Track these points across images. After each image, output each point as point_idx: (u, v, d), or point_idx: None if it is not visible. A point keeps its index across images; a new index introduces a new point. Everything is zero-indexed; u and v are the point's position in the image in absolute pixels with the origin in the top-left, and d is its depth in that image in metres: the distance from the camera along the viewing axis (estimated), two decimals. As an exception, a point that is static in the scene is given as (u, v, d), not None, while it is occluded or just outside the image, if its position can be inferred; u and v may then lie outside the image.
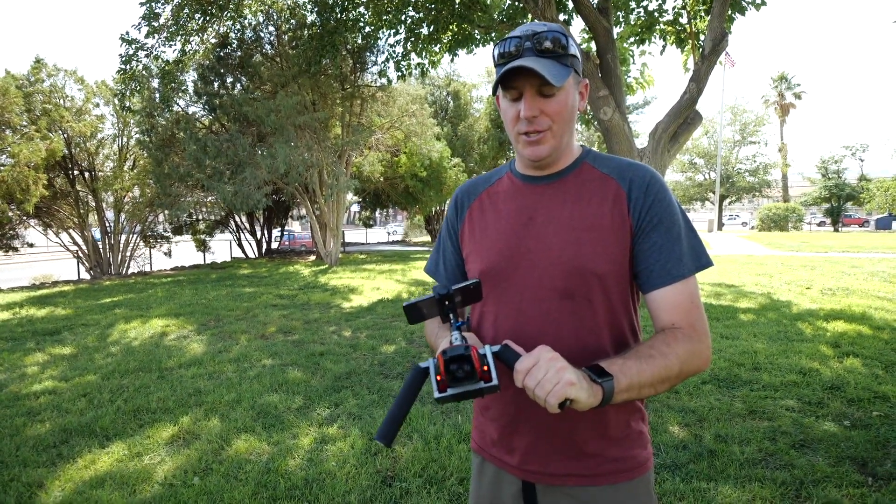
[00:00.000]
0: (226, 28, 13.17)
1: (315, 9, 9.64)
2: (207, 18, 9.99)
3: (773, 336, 5.36)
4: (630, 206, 1.01)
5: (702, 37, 7.94)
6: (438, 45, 9.02)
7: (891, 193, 27.38)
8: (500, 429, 1.09)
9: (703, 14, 7.99)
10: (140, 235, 16.35)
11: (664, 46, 8.66)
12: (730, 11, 7.16)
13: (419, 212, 22.78)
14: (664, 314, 0.98)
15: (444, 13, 8.22)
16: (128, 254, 16.08)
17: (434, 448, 3.04)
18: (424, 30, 8.82)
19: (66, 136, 13.65)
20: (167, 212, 14.79)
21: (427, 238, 30.12)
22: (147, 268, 16.96)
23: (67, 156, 13.85)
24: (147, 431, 3.42)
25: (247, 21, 13.38)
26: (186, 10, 9.43)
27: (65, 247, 15.35)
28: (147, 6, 9.11)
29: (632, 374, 0.88)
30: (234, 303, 8.47)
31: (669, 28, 8.39)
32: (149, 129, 13.95)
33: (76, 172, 14.58)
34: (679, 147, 7.27)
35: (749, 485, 2.59)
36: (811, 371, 4.20)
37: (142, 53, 9.86)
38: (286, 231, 24.16)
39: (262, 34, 14.09)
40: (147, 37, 9.50)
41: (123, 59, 9.81)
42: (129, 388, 4.31)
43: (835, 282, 8.88)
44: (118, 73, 10.21)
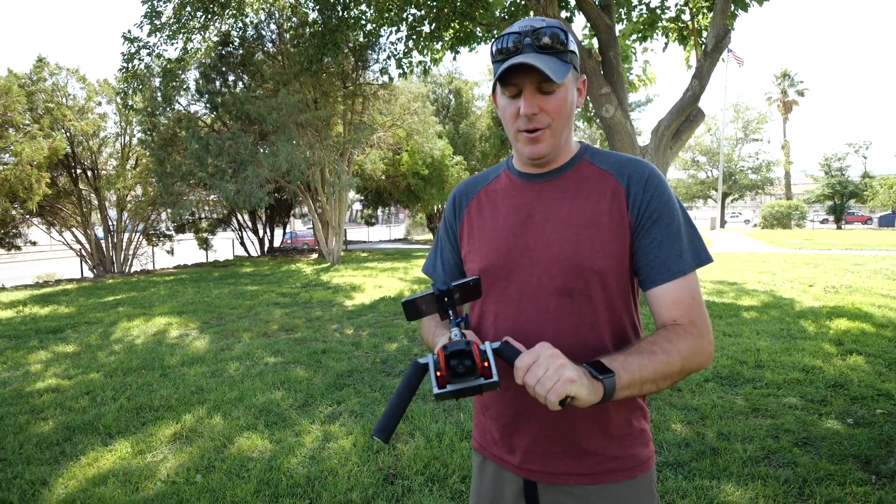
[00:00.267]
0: (227, 26, 13.17)
1: (317, 7, 9.64)
2: (209, 16, 10.00)
3: (776, 334, 5.34)
4: (629, 203, 1.00)
5: (704, 34, 7.91)
6: (440, 43, 9.01)
7: (894, 191, 27.29)
8: (501, 428, 1.09)
9: (706, 11, 7.97)
10: (143, 234, 16.40)
11: (666, 43, 8.64)
12: (732, 8, 7.13)
13: (421, 210, 22.78)
14: (665, 311, 0.97)
15: (446, 11, 8.21)
16: (130, 252, 16.13)
17: (436, 446, 3.04)
18: (426, 27, 8.81)
19: (69, 135, 13.69)
20: (170, 210, 14.82)
21: (429, 236, 30.13)
22: (150, 266, 17.00)
23: (70, 154, 13.89)
24: (150, 429, 3.43)
25: (248, 19, 13.38)
26: (188, 9, 9.43)
27: (68, 245, 15.39)
28: (149, 4, 9.12)
29: (633, 371, 0.87)
30: (237, 301, 8.49)
31: (672, 25, 8.36)
32: (151, 129, 13.97)
33: (79, 171, 14.62)
34: (681, 144, 7.26)
35: (752, 483, 2.58)
36: (814, 369, 4.19)
37: (144, 52, 9.88)
38: (288, 230, 24.20)
39: (264, 32, 14.09)
40: (149, 35, 9.51)
41: (126, 58, 9.82)
42: (132, 386, 4.32)
43: (838, 279, 8.85)
44: (120, 72, 10.23)
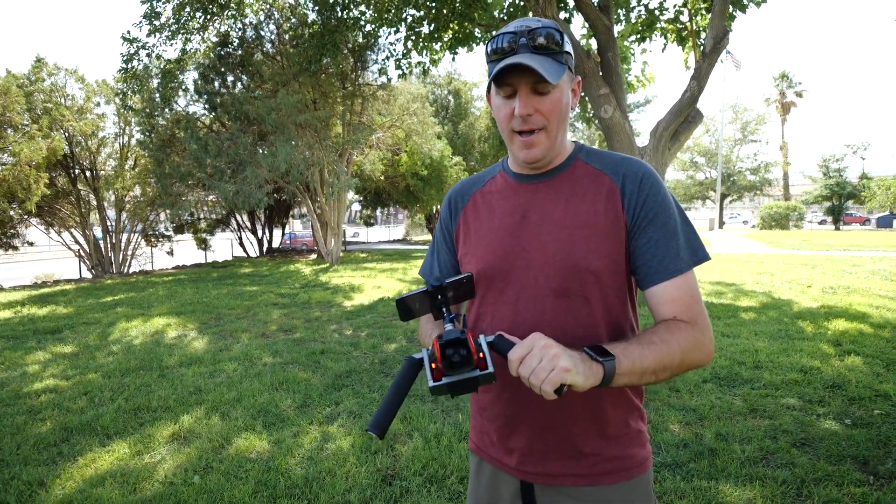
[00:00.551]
0: (227, 27, 13.17)
1: (316, 7, 9.64)
2: (208, 17, 9.99)
3: (774, 334, 5.35)
4: (624, 202, 1.00)
5: (703, 35, 7.92)
6: (439, 44, 9.02)
7: (892, 192, 27.32)
8: (498, 429, 1.09)
9: (704, 12, 7.98)
10: (141, 234, 16.38)
11: (665, 44, 8.65)
12: (731, 9, 7.14)
13: (420, 210, 22.78)
14: (664, 309, 0.97)
15: (445, 12, 8.21)
16: (129, 253, 16.11)
17: (434, 447, 3.04)
18: (425, 28, 8.81)
19: (68, 135, 13.67)
20: (168, 211, 14.80)
21: (428, 237, 30.13)
22: (148, 266, 16.98)
23: (69, 155, 13.87)
24: (148, 430, 3.42)
25: (248, 20, 13.38)
26: (188, 9, 9.43)
27: (66, 245, 15.37)
28: (148, 5, 9.11)
29: (633, 358, 0.87)
30: (235, 301, 8.48)
31: (670, 26, 8.37)
32: (149, 130, 13.96)
33: (77, 171, 14.60)
34: (680, 145, 7.26)
35: (750, 483, 2.59)
36: (812, 369, 4.20)
37: (143, 52, 9.87)
38: (287, 231, 24.18)
39: (263, 33, 14.08)
40: (148, 36, 9.50)
41: (125, 58, 9.81)
42: (130, 387, 4.31)
43: (836, 280, 8.86)
44: (120, 73, 10.22)
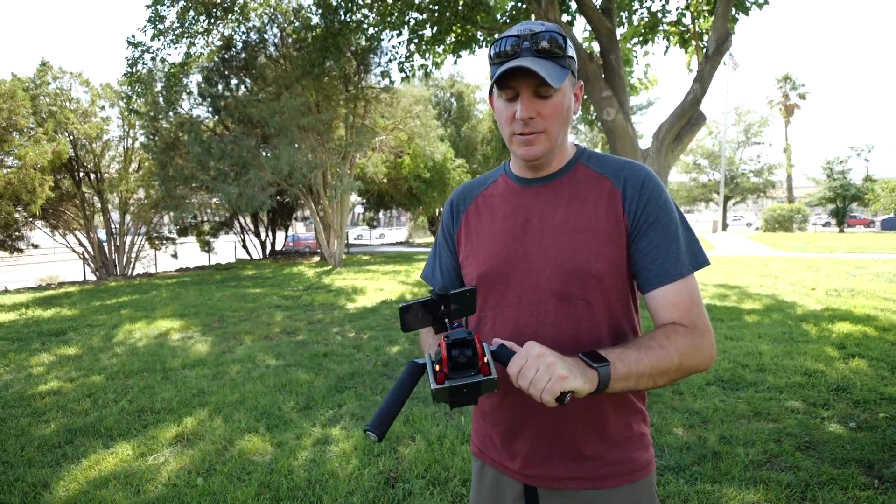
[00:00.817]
0: (230, 30, 13.23)
1: (319, 11, 9.68)
2: (212, 21, 10.05)
3: (778, 337, 5.33)
4: (625, 206, 1.00)
5: (705, 37, 7.92)
6: (442, 47, 9.04)
7: (896, 194, 27.22)
8: (501, 434, 1.09)
9: (707, 14, 7.98)
10: (145, 237, 16.43)
11: (668, 47, 8.65)
12: (733, 11, 7.14)
13: (423, 213, 22.80)
14: (664, 313, 0.97)
15: (448, 15, 8.24)
16: (133, 255, 16.16)
17: (437, 449, 3.04)
18: (428, 31, 8.83)
19: (72, 138, 13.75)
20: (172, 213, 14.85)
21: (431, 239, 30.14)
22: (152, 269, 17.02)
23: (73, 157, 13.94)
24: (151, 432, 3.43)
25: (251, 23, 13.44)
26: (192, 13, 9.48)
27: (71, 248, 15.43)
28: (153, 9, 9.16)
29: (630, 363, 0.87)
30: (239, 304, 8.49)
31: (673, 29, 8.37)
32: (153, 133, 14.02)
33: (82, 174, 14.67)
34: (683, 148, 7.26)
35: (754, 487, 2.58)
36: (816, 372, 4.18)
37: (147, 56, 9.93)
38: (290, 233, 24.22)
39: (267, 36, 14.14)
40: (153, 39, 9.56)
41: (129, 62, 9.87)
42: (134, 389, 4.32)
43: (840, 283, 8.83)
44: (124, 76, 10.28)
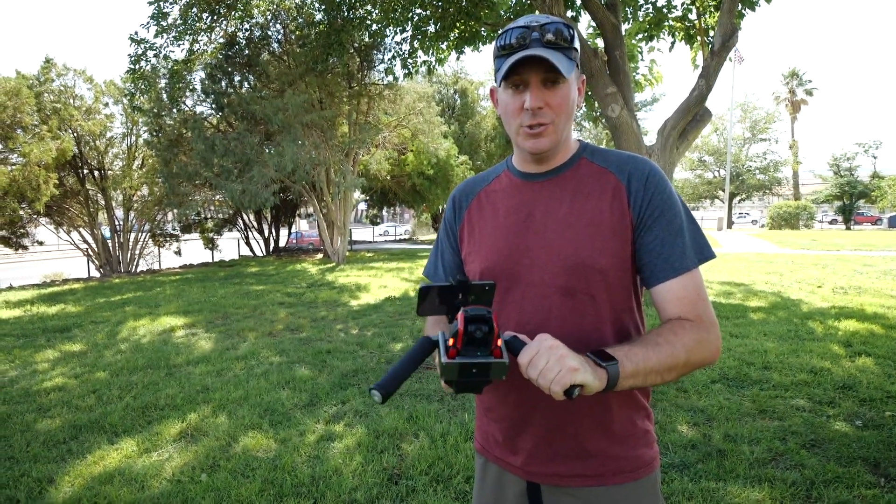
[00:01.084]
0: (234, 27, 13.23)
1: (322, 7, 9.66)
2: (215, 18, 10.05)
3: (784, 335, 5.30)
4: (630, 200, 1.00)
5: (711, 33, 7.86)
6: (445, 43, 9.00)
7: (904, 191, 27.03)
8: (504, 430, 1.08)
9: (713, 10, 7.92)
10: (149, 234, 16.50)
11: (673, 43, 8.58)
12: (740, 6, 7.08)
13: (426, 210, 22.80)
14: (670, 307, 0.97)
15: (451, 11, 8.20)
16: (137, 252, 16.24)
17: (440, 446, 3.04)
18: (431, 27, 8.80)
19: (76, 136, 13.80)
20: (176, 210, 14.90)
21: (434, 236, 30.16)
22: (156, 266, 17.10)
23: (77, 155, 13.99)
24: (155, 428, 3.44)
25: (254, 20, 13.43)
26: (195, 10, 9.48)
27: (75, 245, 15.52)
28: (156, 6, 9.16)
29: (637, 360, 0.87)
30: (242, 301, 8.51)
31: (678, 24, 8.31)
32: (157, 130, 14.06)
33: (86, 171, 14.73)
34: (688, 144, 7.22)
35: (759, 485, 2.56)
36: (822, 370, 4.15)
37: (150, 53, 9.94)
38: (294, 230, 24.27)
39: (270, 33, 14.13)
40: (156, 37, 9.56)
41: (133, 59, 9.88)
42: (138, 385, 4.34)
43: (847, 280, 8.78)
44: (127, 73, 10.30)
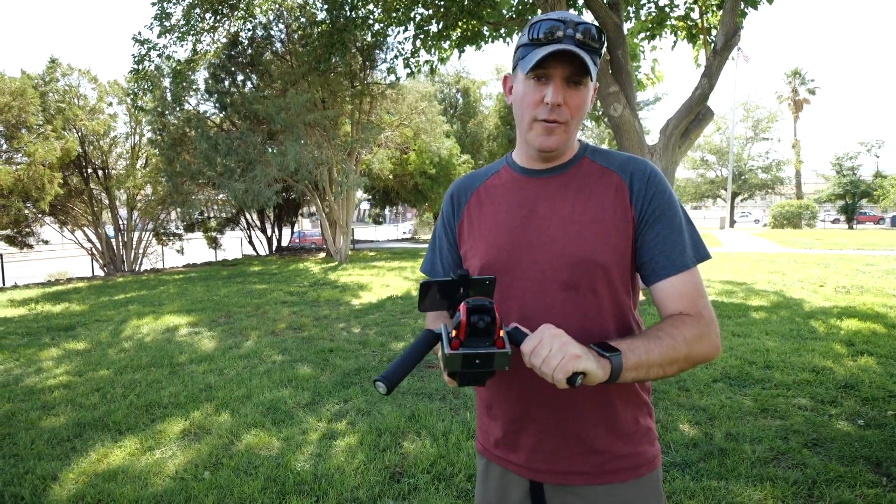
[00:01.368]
0: (236, 27, 13.26)
1: (325, 7, 9.67)
2: (218, 18, 10.07)
3: (786, 334, 5.29)
4: (632, 198, 1.01)
5: (713, 32, 7.85)
6: (447, 42, 9.01)
7: (906, 190, 26.93)
8: (505, 426, 1.08)
9: (715, 9, 7.90)
10: (152, 233, 16.55)
11: (675, 42, 8.58)
12: (742, 5, 7.07)
13: (429, 209, 22.80)
14: (671, 304, 0.98)
15: (453, 10, 8.20)
16: (140, 251, 16.29)
17: (442, 444, 3.04)
18: (433, 27, 8.81)
19: (80, 135, 13.85)
20: (179, 209, 14.95)
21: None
22: (159, 265, 17.15)
23: (81, 154, 14.04)
24: (159, 426, 3.46)
25: (257, 19, 13.46)
26: (197, 10, 9.50)
27: (79, 244, 15.57)
28: (159, 6, 9.19)
29: (640, 352, 0.88)
30: (245, 299, 8.54)
31: (681, 23, 8.30)
32: (160, 129, 14.10)
33: (90, 171, 14.79)
34: (690, 143, 7.21)
35: (760, 484, 2.56)
36: (824, 369, 4.15)
37: (154, 53, 9.97)
38: (297, 229, 24.30)
39: (273, 32, 14.15)
40: (159, 37, 9.60)
41: (136, 59, 9.92)
42: (142, 383, 4.36)
43: (849, 280, 8.76)
44: (131, 73, 10.34)
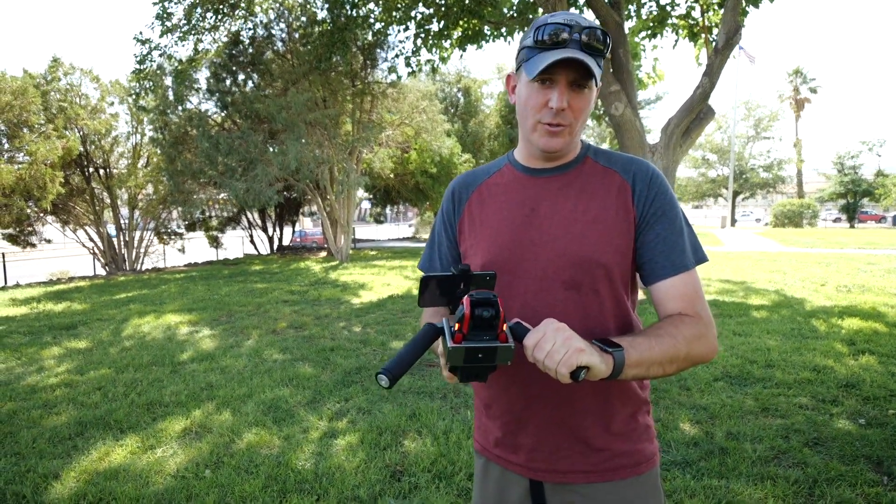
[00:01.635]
0: (237, 26, 13.26)
1: (326, 5, 9.67)
2: (219, 17, 10.07)
3: (787, 333, 5.29)
4: (634, 198, 1.02)
5: (715, 30, 7.84)
6: (448, 41, 9.00)
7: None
8: (504, 426, 1.08)
9: (717, 7, 7.89)
10: (154, 232, 16.57)
11: (676, 40, 8.56)
12: (743, 4, 7.06)
13: (430, 208, 22.80)
14: (670, 304, 0.99)
15: (454, 9, 8.20)
16: (142, 250, 16.31)
17: (443, 443, 3.05)
18: (434, 26, 8.80)
19: (82, 134, 13.87)
20: (180, 208, 14.96)
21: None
22: (161, 264, 17.17)
23: (83, 153, 14.06)
24: (160, 424, 3.47)
25: (258, 18, 13.46)
26: (199, 10, 9.50)
27: (81, 243, 15.60)
28: (160, 6, 9.19)
29: (642, 350, 0.88)
30: (246, 298, 8.55)
31: (682, 22, 8.29)
32: (162, 127, 14.11)
33: (91, 170, 14.80)
34: (691, 142, 7.20)
35: (761, 483, 2.56)
36: (825, 368, 4.15)
37: (156, 53, 9.97)
38: (298, 228, 24.32)
39: (274, 31, 14.16)
40: (161, 36, 9.59)
41: (138, 59, 9.92)
42: (143, 382, 4.37)
43: (850, 279, 8.74)
44: (133, 73, 10.34)
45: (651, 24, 8.27)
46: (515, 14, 8.30)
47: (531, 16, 8.19)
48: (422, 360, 4.54)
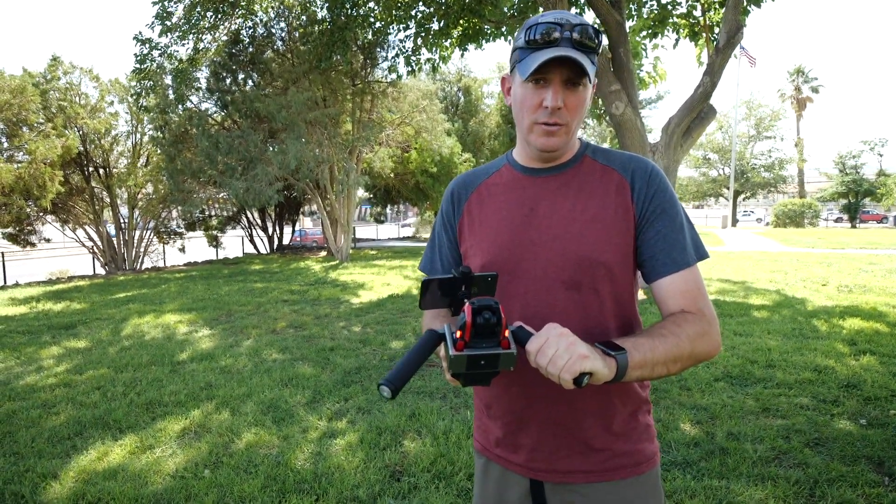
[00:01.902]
0: (237, 25, 13.24)
1: (325, 4, 9.66)
2: (219, 16, 10.06)
3: (788, 333, 5.28)
4: (633, 196, 1.01)
5: (716, 30, 7.82)
6: (448, 41, 9.00)
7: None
8: (505, 426, 1.08)
9: (718, 6, 7.88)
10: (153, 231, 16.57)
11: (677, 40, 8.55)
12: (745, 3, 7.04)
13: (430, 207, 22.80)
14: (673, 301, 0.98)
15: (455, 8, 8.19)
16: (142, 249, 16.31)
17: (443, 443, 3.04)
18: (434, 25, 8.79)
19: (82, 133, 13.86)
20: (180, 208, 14.95)
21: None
22: (160, 263, 17.17)
23: (82, 153, 14.06)
24: (159, 424, 3.46)
25: (258, 18, 13.45)
26: (199, 9, 9.49)
27: (80, 242, 15.59)
28: (160, 5, 9.18)
29: (645, 351, 0.87)
30: (246, 298, 8.54)
31: (683, 21, 8.28)
32: (162, 126, 14.10)
33: (91, 169, 14.80)
34: (692, 142, 7.19)
35: (762, 483, 2.55)
36: (826, 369, 4.14)
37: (156, 52, 9.97)
38: (298, 228, 24.31)
39: (274, 31, 14.15)
40: (160, 36, 9.59)
41: (138, 59, 9.91)
42: (142, 382, 4.36)
43: (851, 279, 8.73)
44: (133, 73, 10.33)
45: (652, 24, 8.26)
46: (516, 13, 8.29)
47: (532, 15, 8.18)
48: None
